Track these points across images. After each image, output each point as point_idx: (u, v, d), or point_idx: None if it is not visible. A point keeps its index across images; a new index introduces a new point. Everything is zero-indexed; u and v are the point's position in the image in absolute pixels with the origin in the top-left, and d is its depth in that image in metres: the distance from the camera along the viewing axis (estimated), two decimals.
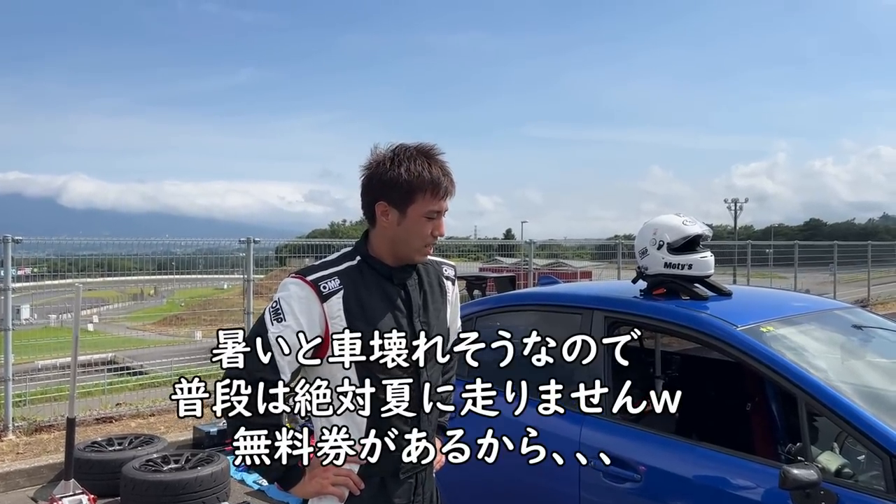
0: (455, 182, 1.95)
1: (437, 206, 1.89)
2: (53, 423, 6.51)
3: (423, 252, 1.96)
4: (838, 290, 17.63)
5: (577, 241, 20.79)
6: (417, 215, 1.89)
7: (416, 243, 1.92)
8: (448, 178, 1.91)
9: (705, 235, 3.14)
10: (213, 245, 11.40)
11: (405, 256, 1.94)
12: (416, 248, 1.93)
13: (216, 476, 4.68)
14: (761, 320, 2.84)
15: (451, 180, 1.93)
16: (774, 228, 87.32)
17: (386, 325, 1.87)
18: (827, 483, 2.24)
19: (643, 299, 3.18)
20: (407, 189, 1.87)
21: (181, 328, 18.43)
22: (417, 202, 1.88)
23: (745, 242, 17.54)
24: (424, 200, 1.88)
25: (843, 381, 2.59)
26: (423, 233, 1.91)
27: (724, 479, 2.55)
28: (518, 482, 3.17)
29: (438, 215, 1.91)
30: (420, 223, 1.90)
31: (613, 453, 2.79)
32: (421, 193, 1.87)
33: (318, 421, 1.92)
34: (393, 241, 1.93)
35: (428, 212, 1.89)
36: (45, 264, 8.49)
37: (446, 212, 1.95)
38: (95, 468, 4.97)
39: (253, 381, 1.83)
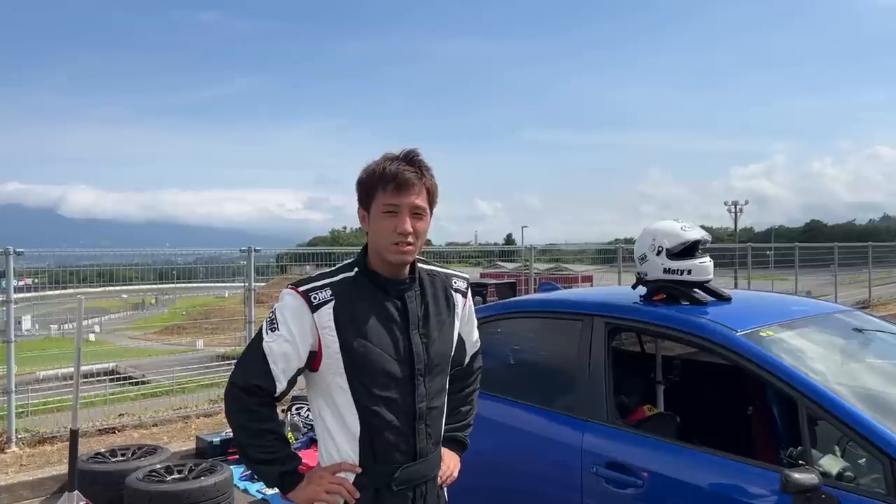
0: (427, 180, 1.89)
1: (394, 199, 1.84)
2: (56, 435, 6.52)
3: (394, 251, 1.86)
4: (839, 292, 17.63)
5: (577, 245, 20.80)
6: (377, 212, 1.87)
7: (383, 241, 1.87)
8: (411, 173, 1.86)
9: (704, 241, 3.15)
10: (213, 254, 11.44)
11: (384, 259, 1.89)
12: (384, 246, 1.87)
13: (220, 486, 4.67)
14: (761, 325, 2.85)
15: (418, 176, 1.87)
16: (775, 230, 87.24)
17: (378, 336, 1.87)
18: (828, 486, 2.25)
19: (643, 305, 3.20)
20: (367, 186, 1.89)
21: (183, 337, 18.45)
22: (377, 198, 1.87)
23: (745, 245, 17.54)
24: (381, 196, 1.86)
25: (843, 384, 2.59)
26: (385, 229, 1.86)
27: (726, 484, 2.55)
28: (522, 489, 3.18)
29: (399, 209, 1.85)
30: (380, 219, 1.86)
31: (616, 459, 2.81)
32: (378, 189, 1.86)
33: (318, 429, 1.95)
34: (372, 246, 1.92)
35: (384, 206, 1.85)
36: (45, 275, 8.50)
37: (417, 209, 1.88)
38: (99, 479, 4.97)
39: (248, 388, 1.86)
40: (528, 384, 3.61)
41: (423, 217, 1.91)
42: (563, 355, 3.40)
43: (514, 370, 3.79)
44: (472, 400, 2.28)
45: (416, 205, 1.88)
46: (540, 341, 3.79)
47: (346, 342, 1.84)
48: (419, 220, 1.89)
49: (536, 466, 3.12)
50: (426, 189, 1.90)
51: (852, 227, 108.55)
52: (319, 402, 1.92)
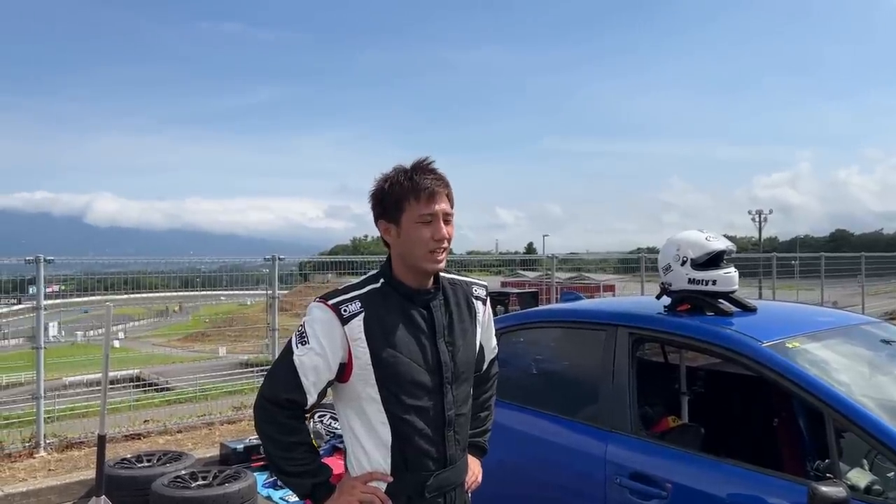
0: (449, 186, 1.94)
1: (427, 209, 1.88)
2: (84, 440, 6.59)
3: (432, 259, 1.91)
4: (867, 303, 17.37)
5: (599, 254, 20.71)
6: (410, 223, 1.89)
7: (419, 251, 1.89)
8: (436, 182, 1.90)
9: (729, 251, 3.14)
10: (236, 262, 11.55)
11: (418, 269, 1.93)
12: (420, 256, 1.90)
13: (243, 493, 4.71)
14: (787, 336, 2.83)
15: (442, 184, 1.91)
16: (800, 240, 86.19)
17: (407, 346, 1.89)
18: (856, 500, 2.23)
19: (668, 315, 3.18)
20: (394, 200, 1.90)
21: (206, 344, 18.63)
22: (407, 210, 1.89)
23: (769, 255, 17.37)
24: (412, 207, 1.88)
25: (870, 396, 2.57)
26: (421, 239, 1.89)
27: (751, 496, 2.54)
28: (545, 498, 3.18)
29: (433, 218, 1.89)
30: (415, 230, 1.89)
31: (639, 470, 2.80)
32: (407, 201, 1.89)
33: (347, 440, 1.97)
34: (402, 257, 1.94)
35: (419, 217, 1.88)
36: (72, 282, 8.63)
37: (448, 216, 1.93)
38: (125, 485, 5.03)
39: (278, 401, 1.89)
40: (552, 394, 3.60)
41: (451, 222, 1.95)
42: (587, 365, 3.39)
43: (538, 380, 3.78)
44: (489, 405, 2.30)
45: (447, 211, 1.93)
46: (563, 351, 3.79)
47: (377, 353, 1.86)
48: (448, 225, 1.93)
49: (560, 476, 3.11)
50: (449, 195, 1.95)
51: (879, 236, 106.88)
52: (349, 412, 1.94)
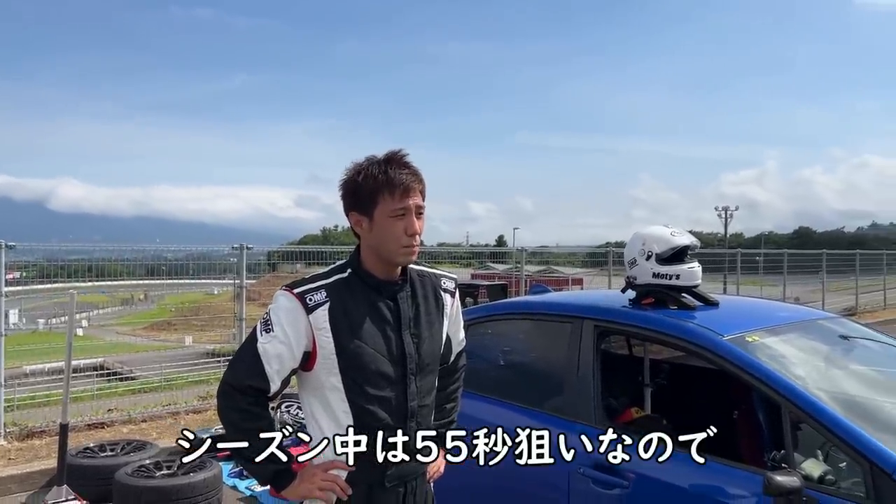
0: (422, 180, 1.94)
1: (400, 203, 1.88)
2: (45, 429, 6.50)
3: (405, 253, 1.92)
4: (827, 299, 17.75)
5: (568, 247, 20.85)
6: (384, 217, 1.89)
7: (392, 245, 1.90)
8: (411, 176, 1.90)
9: (693, 246, 3.20)
10: (203, 250, 11.41)
11: (389, 262, 1.93)
12: (393, 250, 1.91)
13: (209, 482, 4.69)
14: (747, 330, 2.90)
15: (417, 178, 1.92)
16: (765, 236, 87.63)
17: (372, 337, 1.90)
18: (809, 489, 2.29)
19: (632, 309, 3.23)
20: (367, 193, 1.90)
21: (171, 333, 18.38)
22: (381, 204, 1.89)
23: (734, 250, 17.64)
24: (386, 200, 1.88)
25: (825, 390, 2.64)
26: (395, 233, 1.89)
27: (710, 486, 2.59)
28: (508, 489, 3.21)
29: (407, 212, 1.89)
30: (389, 224, 1.89)
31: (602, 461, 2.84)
32: (381, 195, 1.89)
33: (310, 428, 1.98)
34: (373, 249, 1.94)
35: (392, 211, 1.88)
36: (34, 269, 8.46)
37: (420, 209, 1.93)
38: (88, 474, 4.97)
39: (241, 388, 1.89)
40: (518, 385, 3.64)
41: (423, 216, 1.95)
42: (553, 357, 3.43)
43: (504, 371, 3.82)
44: (456, 397, 2.31)
45: (420, 205, 1.93)
46: (530, 343, 3.83)
47: (342, 343, 1.87)
48: (420, 219, 1.94)
49: (525, 467, 3.14)
50: (422, 189, 1.95)
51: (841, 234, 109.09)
52: (312, 401, 1.95)
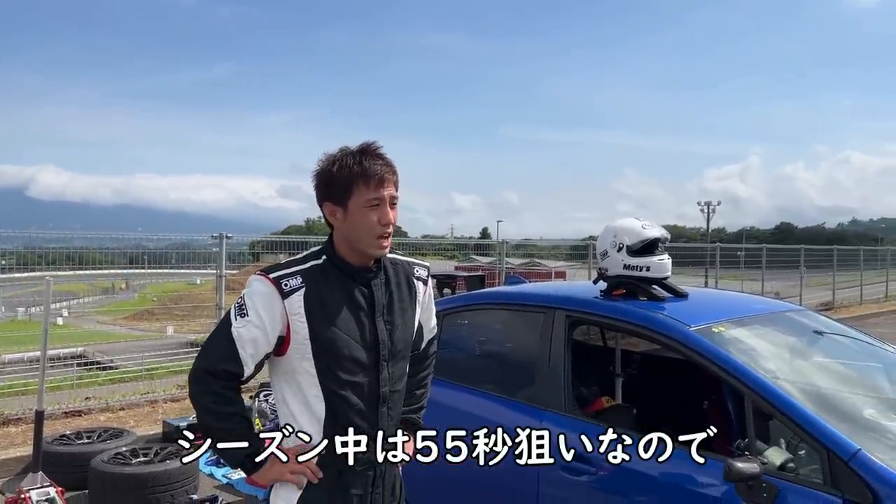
0: (396, 171, 1.95)
1: (374, 194, 1.90)
2: (21, 417, 6.47)
3: (378, 245, 1.94)
4: (805, 294, 17.94)
5: (552, 241, 20.96)
6: (358, 207, 1.91)
7: (366, 236, 1.92)
8: (385, 167, 1.92)
9: (663, 239, 3.24)
10: (185, 240, 11.35)
11: (363, 252, 1.95)
12: (367, 241, 1.93)
13: (185, 470, 4.69)
14: (713, 321, 2.95)
15: (390, 169, 1.93)
16: (746, 231, 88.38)
17: (346, 323, 1.92)
18: (769, 476, 2.35)
19: (603, 299, 3.28)
20: (342, 184, 1.92)
21: (153, 323, 18.30)
22: (355, 194, 1.91)
23: (714, 245, 17.79)
24: (361, 191, 1.90)
25: (787, 380, 2.69)
26: (369, 224, 1.91)
27: (676, 473, 2.64)
28: (478, 476, 3.24)
29: (381, 203, 1.91)
30: (363, 214, 1.91)
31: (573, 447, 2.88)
32: (356, 185, 1.90)
33: (281, 413, 2.01)
34: (347, 239, 1.96)
35: (367, 201, 1.90)
36: (12, 257, 8.38)
37: (394, 200, 1.94)
38: (63, 461, 4.97)
39: (215, 372, 1.91)
40: (491, 374, 3.68)
41: (396, 206, 1.97)
42: (525, 346, 3.47)
43: (478, 360, 3.86)
44: (426, 384, 2.35)
45: (394, 195, 1.95)
46: (503, 332, 3.87)
47: (315, 328, 1.89)
48: (394, 209, 1.96)
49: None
50: (396, 180, 1.97)
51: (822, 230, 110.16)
52: (283, 386, 1.97)
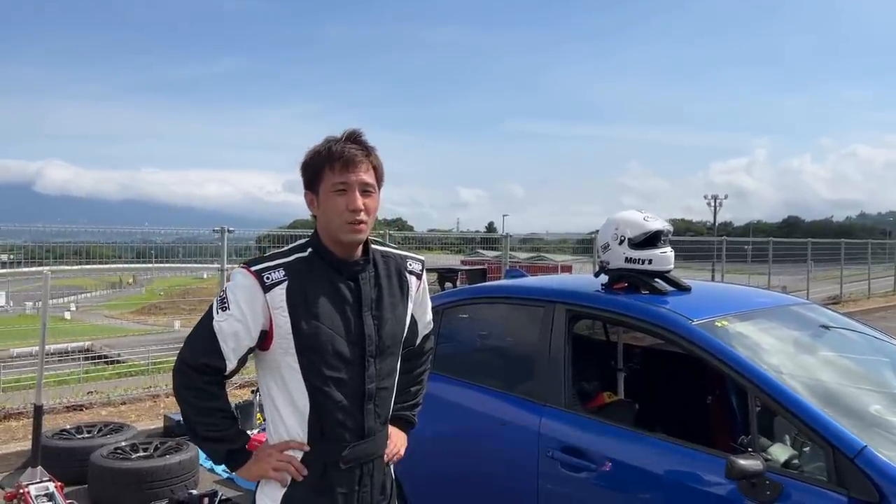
0: (372, 157, 1.90)
1: (340, 177, 1.85)
2: (23, 411, 6.47)
3: (348, 230, 1.87)
4: (812, 287, 17.84)
5: (558, 235, 20.88)
6: (326, 192, 1.87)
7: (335, 221, 1.87)
8: (355, 151, 1.87)
9: (666, 231, 3.19)
10: (192, 234, 11.33)
11: (337, 240, 1.90)
12: (337, 226, 1.87)
13: (185, 464, 4.68)
14: (716, 315, 2.89)
15: (362, 153, 1.88)
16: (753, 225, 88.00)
17: (329, 317, 1.87)
18: (772, 473, 2.30)
19: (604, 293, 3.23)
20: (312, 169, 1.89)
21: (160, 317, 18.35)
22: (324, 179, 1.87)
23: (721, 238, 17.68)
24: (328, 175, 1.86)
25: (792, 375, 2.63)
26: (336, 209, 1.86)
27: (678, 471, 2.60)
28: (478, 472, 3.22)
29: (348, 188, 1.86)
30: (330, 199, 1.87)
31: (571, 444, 2.85)
32: (324, 170, 1.87)
33: (266, 408, 1.96)
34: (323, 228, 1.92)
35: (332, 185, 1.86)
36: (20, 251, 8.38)
37: (366, 186, 1.88)
38: (63, 456, 4.96)
39: (197, 366, 1.87)
40: (491, 368, 3.64)
41: (371, 195, 1.91)
42: (525, 341, 3.42)
43: (478, 354, 3.82)
44: (422, 380, 2.30)
45: (365, 181, 1.89)
46: (503, 327, 3.82)
47: (298, 323, 1.84)
48: (368, 197, 1.90)
49: (494, 449, 3.15)
50: (373, 167, 1.92)
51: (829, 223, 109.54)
52: (268, 381, 1.93)
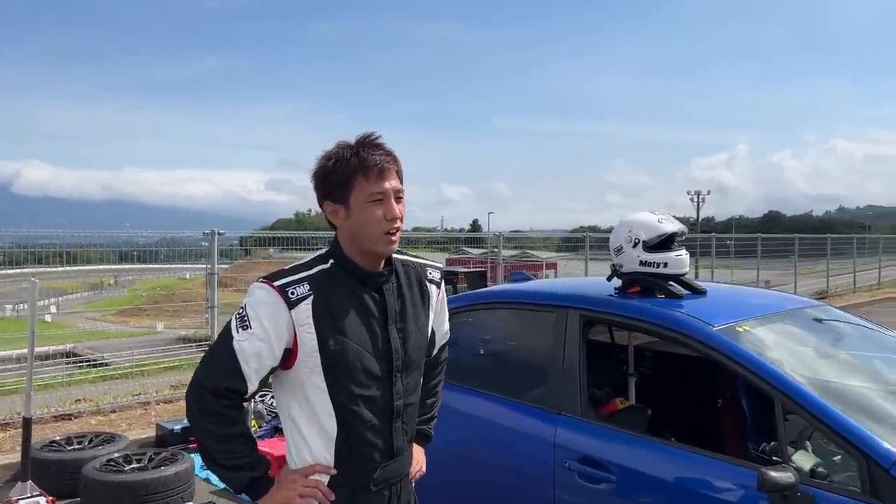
0: (398, 161, 1.83)
1: (377, 187, 1.77)
2: (9, 421, 6.30)
3: (386, 241, 1.79)
4: (798, 282, 17.97)
5: (543, 232, 20.90)
6: (360, 203, 1.78)
7: (373, 232, 1.78)
8: (385, 158, 1.79)
9: (681, 233, 3.12)
10: (175, 235, 11.17)
11: (371, 252, 1.81)
12: (374, 237, 1.79)
13: (180, 475, 4.56)
14: (737, 319, 2.83)
15: (392, 160, 1.80)
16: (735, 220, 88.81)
17: (357, 333, 1.78)
18: (804, 485, 2.24)
19: (618, 298, 3.15)
20: (340, 179, 1.78)
21: (143, 319, 18.13)
22: (355, 189, 1.77)
23: (709, 235, 17.75)
24: (361, 185, 1.77)
25: (820, 381, 2.58)
26: (374, 219, 1.77)
27: (697, 480, 2.55)
28: (494, 483, 3.13)
29: (384, 196, 1.78)
30: (366, 210, 1.77)
31: (588, 454, 2.78)
32: (355, 179, 1.77)
33: (288, 430, 1.86)
34: (353, 239, 1.82)
35: (369, 195, 1.77)
36: (0, 254, 8.22)
37: (399, 193, 1.82)
38: (54, 469, 4.81)
39: (216, 390, 1.75)
40: (501, 376, 3.55)
41: (402, 201, 1.84)
42: (537, 347, 3.34)
43: (487, 362, 3.73)
44: (437, 392, 2.20)
45: (398, 188, 1.82)
46: (513, 333, 3.73)
47: (325, 340, 1.74)
48: (400, 203, 1.82)
49: (508, 460, 3.07)
50: (399, 172, 1.84)
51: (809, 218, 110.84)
52: (290, 401, 1.82)
